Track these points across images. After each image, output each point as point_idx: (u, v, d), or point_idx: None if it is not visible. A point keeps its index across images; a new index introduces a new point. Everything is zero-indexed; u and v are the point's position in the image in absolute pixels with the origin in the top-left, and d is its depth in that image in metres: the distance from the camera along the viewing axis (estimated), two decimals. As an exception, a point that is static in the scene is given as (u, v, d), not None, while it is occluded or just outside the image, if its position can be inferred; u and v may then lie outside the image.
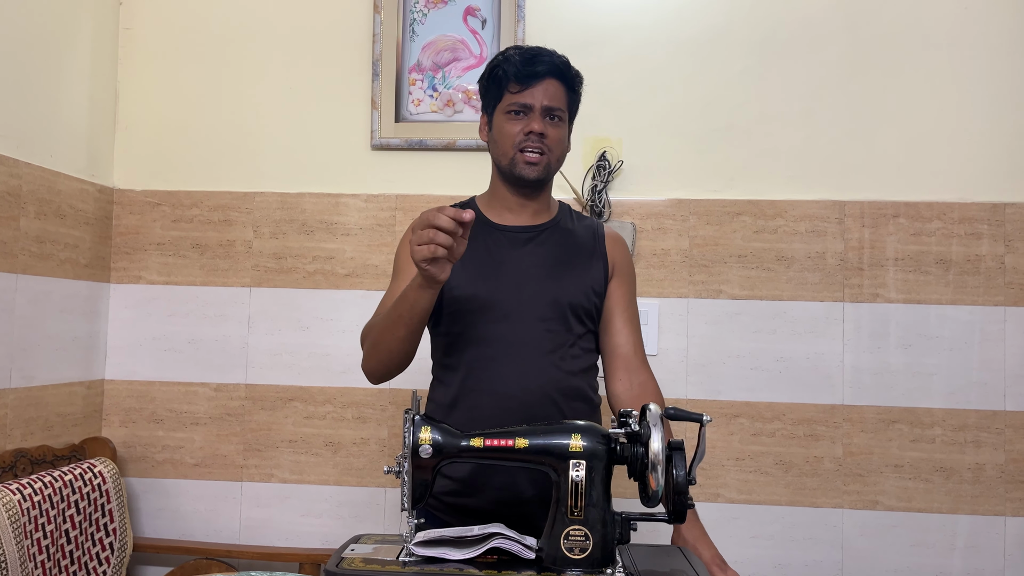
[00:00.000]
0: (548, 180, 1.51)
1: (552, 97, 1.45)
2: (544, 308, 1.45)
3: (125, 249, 2.29)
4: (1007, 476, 2.07)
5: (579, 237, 1.54)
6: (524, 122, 1.44)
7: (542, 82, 1.44)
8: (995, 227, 2.11)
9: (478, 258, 1.47)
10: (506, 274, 1.46)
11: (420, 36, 2.25)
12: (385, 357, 1.42)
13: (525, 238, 1.50)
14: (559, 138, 1.47)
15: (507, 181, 1.50)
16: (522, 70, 1.44)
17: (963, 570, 2.07)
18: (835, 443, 2.11)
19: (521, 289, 1.45)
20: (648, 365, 1.54)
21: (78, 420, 2.16)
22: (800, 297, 2.15)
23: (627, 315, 1.54)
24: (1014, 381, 2.08)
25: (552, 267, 1.48)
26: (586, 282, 1.50)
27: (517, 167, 1.45)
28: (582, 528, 1.11)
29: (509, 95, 1.46)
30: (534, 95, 1.44)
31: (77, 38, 2.16)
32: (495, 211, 1.53)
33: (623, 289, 1.55)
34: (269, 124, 2.29)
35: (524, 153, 1.44)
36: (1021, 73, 2.13)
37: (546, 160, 1.46)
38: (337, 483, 2.21)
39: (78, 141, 2.17)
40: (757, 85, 2.19)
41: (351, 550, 1.17)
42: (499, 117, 1.48)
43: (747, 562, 2.10)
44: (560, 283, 1.47)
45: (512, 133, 1.45)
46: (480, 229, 1.50)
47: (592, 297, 1.50)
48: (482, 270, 1.46)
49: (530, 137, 1.44)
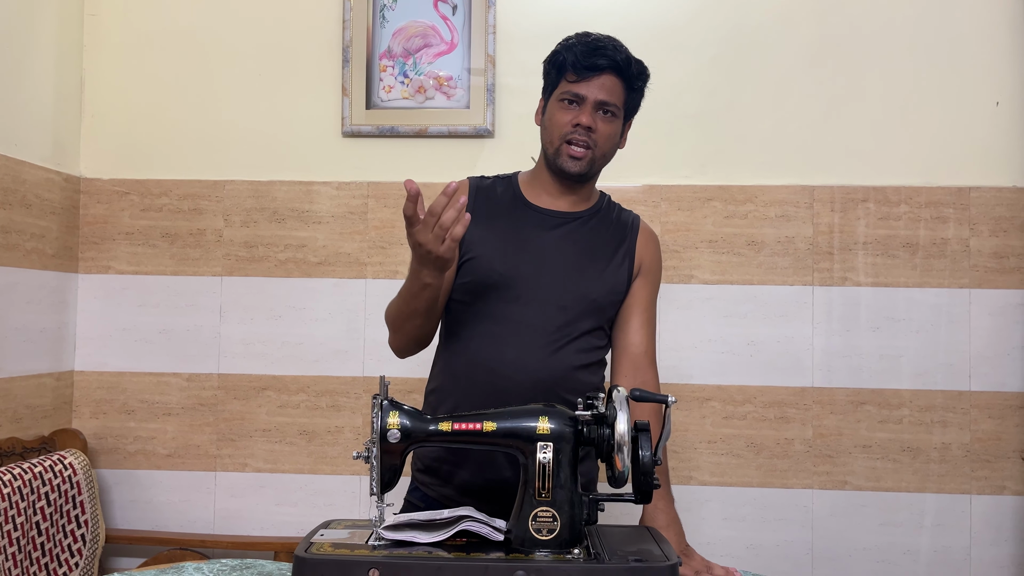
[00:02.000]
0: (591, 175, 1.48)
1: (608, 92, 1.41)
2: (560, 296, 1.43)
3: (93, 239, 2.27)
4: (972, 455, 2.12)
5: (612, 231, 1.51)
6: (575, 113, 1.42)
7: (600, 75, 1.41)
8: (960, 211, 2.14)
9: (505, 234, 1.45)
10: (529, 255, 1.44)
11: (391, 22, 2.24)
12: (406, 339, 1.47)
13: (556, 223, 1.48)
14: (609, 134, 1.44)
15: (551, 169, 1.47)
16: (582, 60, 1.40)
17: (931, 547, 2.11)
18: (805, 425, 2.14)
19: (541, 273, 1.43)
20: (655, 365, 1.54)
21: (48, 412, 2.14)
22: (770, 281, 2.17)
23: (646, 316, 1.52)
24: (979, 362, 2.12)
25: (577, 257, 1.46)
26: (608, 278, 1.47)
27: (560, 158, 1.43)
28: (550, 509, 1.11)
29: (566, 83, 1.43)
30: (589, 87, 1.41)
31: (41, 25, 2.12)
32: (534, 191, 1.50)
33: (647, 290, 1.53)
34: (239, 111, 2.27)
35: (570, 146, 1.42)
36: (985, 61, 2.16)
37: (591, 155, 1.43)
38: (312, 471, 2.21)
39: (43, 129, 2.13)
40: (727, 72, 2.20)
41: (321, 535, 1.17)
42: (553, 104, 1.45)
43: (720, 543, 2.13)
44: (582, 275, 1.45)
45: (562, 122, 1.42)
46: (513, 206, 1.48)
47: (612, 294, 1.48)
48: (505, 246, 1.44)
49: (577, 130, 1.41)
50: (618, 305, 1.50)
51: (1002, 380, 2.12)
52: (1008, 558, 2.10)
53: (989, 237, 2.13)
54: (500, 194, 1.51)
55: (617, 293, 1.49)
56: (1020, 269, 2.12)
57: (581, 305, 1.44)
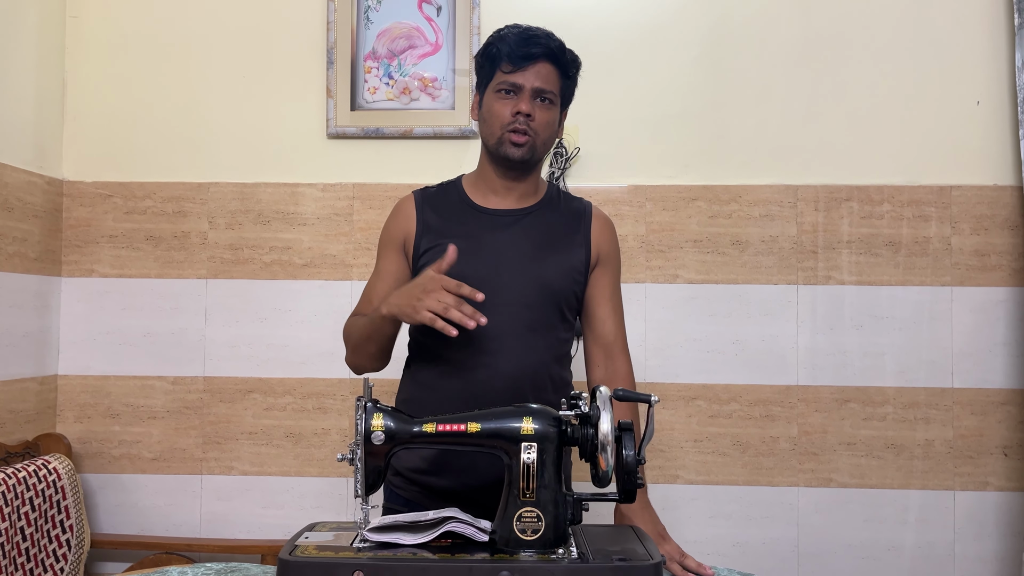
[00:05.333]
0: (534, 162, 1.48)
1: (544, 79, 1.43)
2: (525, 292, 1.43)
3: (76, 242, 2.25)
4: (955, 451, 2.13)
5: (564, 220, 1.52)
6: (513, 102, 1.43)
7: (535, 64, 1.42)
8: (942, 209, 2.16)
9: (459, 241, 1.44)
10: (487, 257, 1.45)
11: (375, 23, 2.24)
12: (363, 361, 1.50)
13: (508, 221, 1.48)
14: (547, 121, 1.44)
15: (494, 162, 1.48)
16: (516, 50, 1.42)
17: (915, 543, 2.13)
18: (790, 423, 2.16)
19: (501, 273, 1.43)
20: (627, 352, 1.54)
21: (31, 416, 2.12)
22: (755, 280, 2.18)
23: (613, 304, 1.53)
24: (961, 359, 2.14)
25: (535, 251, 1.47)
26: (568, 266, 1.48)
27: (503, 146, 1.44)
28: (534, 510, 1.12)
29: (501, 74, 1.44)
30: (526, 76, 1.42)
31: (22, 27, 2.11)
32: (480, 193, 1.51)
33: (608, 277, 1.53)
34: (223, 113, 2.26)
35: (511, 134, 1.43)
36: (966, 60, 2.18)
37: (531, 142, 1.43)
38: (298, 474, 2.20)
39: (25, 132, 2.12)
40: (710, 72, 2.21)
41: (305, 537, 1.17)
42: (489, 96, 1.46)
43: (706, 541, 2.14)
44: (542, 266, 1.46)
45: (501, 113, 1.43)
46: (463, 211, 1.49)
47: (571, 283, 1.48)
48: (463, 253, 1.43)
49: (517, 118, 1.42)
50: (579, 291, 1.51)
51: (984, 377, 2.13)
52: (991, 553, 2.12)
53: (970, 235, 2.15)
54: (447, 201, 1.52)
55: (576, 281, 1.49)
56: (1001, 267, 2.14)
57: (543, 298, 1.45)
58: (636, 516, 1.37)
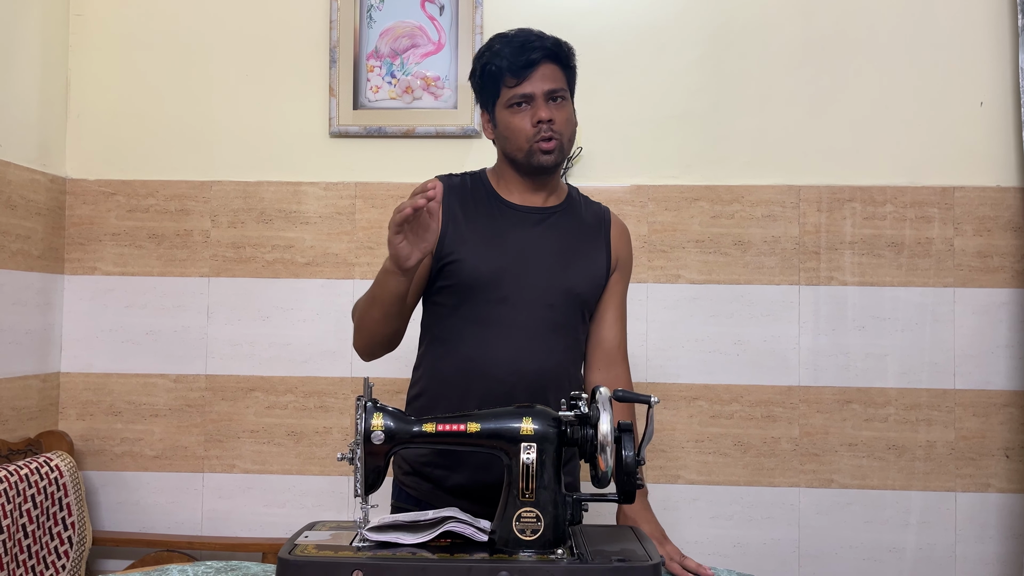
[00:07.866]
0: (564, 162, 1.48)
1: (551, 80, 1.42)
2: (549, 293, 1.43)
3: (79, 240, 2.26)
4: (957, 453, 2.13)
5: (587, 223, 1.52)
6: (531, 112, 1.41)
7: (538, 68, 1.41)
8: (944, 210, 2.16)
9: (485, 232, 1.43)
10: (512, 254, 1.43)
11: (378, 22, 2.24)
12: (368, 337, 1.42)
13: (536, 219, 1.47)
14: (566, 118, 1.44)
15: (520, 170, 1.46)
16: (516, 61, 1.40)
17: (916, 545, 2.12)
18: (792, 424, 2.15)
19: (526, 272, 1.42)
20: (627, 360, 1.55)
21: (33, 414, 2.13)
22: (757, 281, 2.18)
23: (620, 311, 1.53)
24: (963, 361, 2.14)
25: (560, 253, 1.46)
26: (592, 272, 1.48)
27: (534, 157, 1.42)
28: (534, 510, 1.12)
29: (507, 89, 1.42)
30: (533, 83, 1.40)
31: (26, 24, 2.11)
32: (506, 188, 1.49)
33: (621, 284, 1.53)
34: (226, 112, 2.26)
35: (539, 143, 1.41)
36: (969, 61, 2.17)
37: (559, 143, 1.42)
38: (300, 472, 2.21)
39: (28, 130, 2.12)
40: (713, 72, 2.21)
41: (305, 537, 1.17)
42: (502, 113, 1.44)
43: (707, 542, 2.14)
44: (567, 270, 1.45)
45: (522, 127, 1.41)
46: (490, 204, 1.47)
47: (595, 288, 1.48)
48: (488, 245, 1.43)
49: (540, 127, 1.40)
50: (599, 296, 1.51)
51: (986, 378, 2.13)
52: (993, 555, 2.11)
53: (973, 236, 2.15)
54: (473, 192, 1.49)
55: (599, 286, 1.50)
56: (1004, 268, 2.14)
57: (567, 301, 1.45)
58: (639, 517, 1.37)
